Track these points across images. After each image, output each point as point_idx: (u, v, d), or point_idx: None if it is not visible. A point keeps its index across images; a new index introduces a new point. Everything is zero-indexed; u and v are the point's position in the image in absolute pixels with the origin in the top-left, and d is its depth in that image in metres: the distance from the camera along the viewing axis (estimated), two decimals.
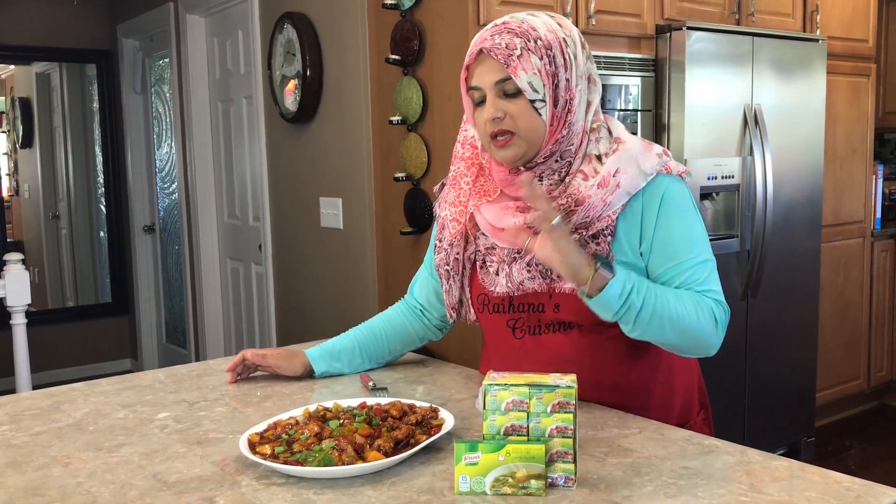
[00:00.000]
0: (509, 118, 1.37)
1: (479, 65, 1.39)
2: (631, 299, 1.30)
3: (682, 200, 1.42)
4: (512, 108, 1.37)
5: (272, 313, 3.92)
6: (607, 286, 1.28)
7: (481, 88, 1.39)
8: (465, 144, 1.52)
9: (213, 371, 1.80)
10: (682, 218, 1.42)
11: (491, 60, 1.37)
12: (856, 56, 3.96)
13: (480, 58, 1.39)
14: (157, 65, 5.10)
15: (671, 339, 1.37)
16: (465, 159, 1.51)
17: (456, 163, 1.53)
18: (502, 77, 1.36)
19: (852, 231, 4.06)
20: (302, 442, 1.23)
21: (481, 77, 1.39)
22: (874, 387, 4.27)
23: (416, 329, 1.75)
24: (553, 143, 1.40)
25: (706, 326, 1.38)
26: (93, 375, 5.10)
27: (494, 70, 1.37)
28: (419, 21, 2.87)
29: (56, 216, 5.75)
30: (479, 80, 1.39)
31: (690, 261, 1.40)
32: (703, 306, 1.38)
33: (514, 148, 1.39)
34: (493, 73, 1.37)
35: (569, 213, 1.39)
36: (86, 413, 1.51)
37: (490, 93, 1.38)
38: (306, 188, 3.59)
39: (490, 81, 1.38)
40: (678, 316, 1.34)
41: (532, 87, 1.36)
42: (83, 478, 1.20)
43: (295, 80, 3.49)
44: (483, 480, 1.10)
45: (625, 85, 3.06)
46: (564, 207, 1.39)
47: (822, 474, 1.14)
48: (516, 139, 1.38)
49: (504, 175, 1.44)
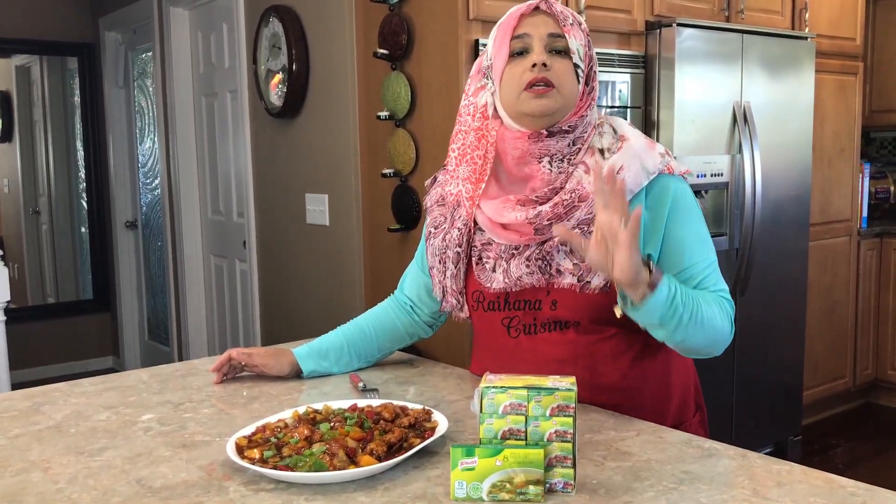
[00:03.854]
0: (554, 71, 1.37)
1: (532, 17, 1.40)
2: (676, 302, 1.28)
3: (691, 202, 1.43)
4: (558, 65, 1.38)
5: (257, 311, 3.87)
6: (657, 289, 1.24)
7: (531, 36, 1.38)
8: (476, 115, 1.43)
9: (198, 371, 1.76)
10: (691, 219, 1.42)
11: (546, 17, 1.39)
12: (843, 54, 3.97)
13: (536, 12, 1.40)
14: (139, 58, 5.03)
15: (699, 341, 1.35)
16: (475, 130, 1.43)
17: (464, 136, 1.45)
18: (557, 32, 1.39)
19: (839, 229, 4.06)
20: (292, 446, 1.19)
21: (535, 27, 1.39)
22: (860, 385, 4.28)
23: (406, 326, 1.71)
24: (578, 118, 1.39)
25: (725, 328, 1.38)
26: (74, 373, 5.05)
27: (549, 24, 1.39)
28: (408, 15, 2.83)
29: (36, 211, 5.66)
30: (532, 29, 1.39)
31: (704, 261, 1.40)
32: (722, 307, 1.38)
33: (550, 99, 1.36)
34: (548, 26, 1.39)
35: (572, 208, 1.37)
36: (66, 415, 1.47)
37: (539, 43, 1.38)
38: (292, 184, 3.54)
39: (544, 32, 1.38)
40: (709, 318, 1.34)
41: (579, 53, 1.39)
42: (63, 483, 1.15)
43: (280, 74, 3.45)
44: (480, 486, 1.06)
45: (614, 81, 3.04)
46: (567, 203, 1.37)
47: (826, 479, 1.12)
48: (555, 92, 1.37)
49: (522, 143, 1.38)
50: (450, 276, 1.51)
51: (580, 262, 1.38)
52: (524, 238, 1.41)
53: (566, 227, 1.30)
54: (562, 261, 1.39)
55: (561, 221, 1.37)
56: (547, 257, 1.40)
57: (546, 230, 1.38)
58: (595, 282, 1.37)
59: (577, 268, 1.38)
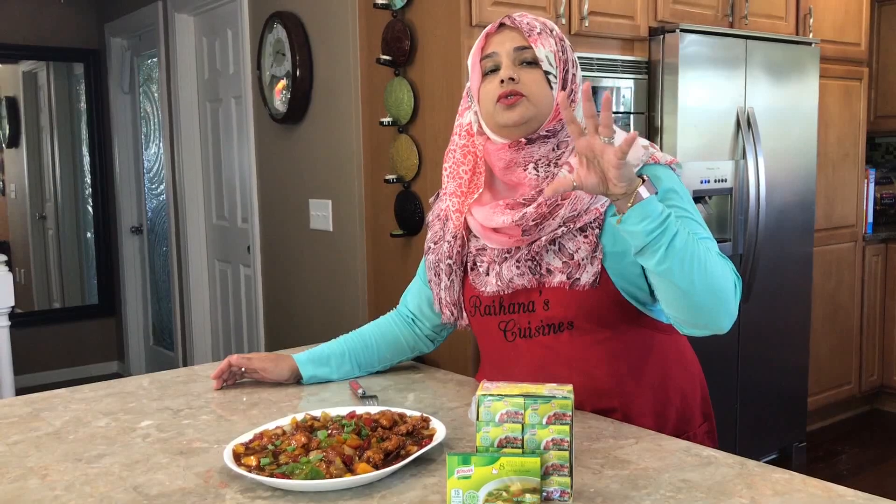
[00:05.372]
0: (523, 83, 1.39)
1: (498, 34, 1.44)
2: (669, 221, 1.25)
3: (677, 185, 1.42)
4: (526, 76, 1.40)
5: (260, 316, 3.87)
6: (649, 198, 1.23)
7: (498, 54, 1.42)
8: (462, 133, 1.50)
9: (198, 377, 1.76)
10: (679, 199, 1.40)
11: (511, 32, 1.42)
12: (848, 60, 3.95)
13: (501, 29, 1.44)
14: (145, 64, 5.05)
15: (696, 284, 1.27)
16: (461, 147, 1.49)
17: (452, 155, 1.51)
18: (522, 45, 1.41)
19: (844, 235, 4.04)
20: (289, 453, 1.19)
21: (501, 44, 1.42)
22: (865, 392, 4.26)
23: (407, 338, 1.72)
24: (556, 122, 1.41)
25: (727, 284, 1.32)
26: (79, 378, 5.06)
27: (515, 39, 1.42)
28: (411, 21, 2.84)
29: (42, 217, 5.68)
30: (498, 47, 1.42)
31: (697, 234, 1.35)
32: (723, 260, 1.34)
33: (521, 108, 1.39)
34: (514, 41, 1.42)
35: (555, 206, 1.38)
36: (66, 421, 1.47)
37: (506, 58, 1.42)
38: (295, 190, 3.55)
39: (510, 48, 1.41)
40: (705, 258, 1.28)
41: (548, 60, 1.40)
42: (60, 490, 1.15)
43: (284, 80, 3.45)
44: (476, 495, 1.06)
45: (617, 87, 3.04)
46: (550, 203, 1.38)
47: (825, 487, 1.11)
48: (525, 101, 1.39)
49: (504, 153, 1.42)
50: (444, 287, 1.54)
51: (569, 260, 1.40)
52: (514, 240, 1.42)
53: (552, 185, 1.29)
54: (551, 260, 1.41)
55: (546, 221, 1.39)
56: (536, 258, 1.42)
57: (533, 231, 1.40)
58: (584, 278, 1.39)
59: (567, 266, 1.40)
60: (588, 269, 1.38)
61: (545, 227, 1.39)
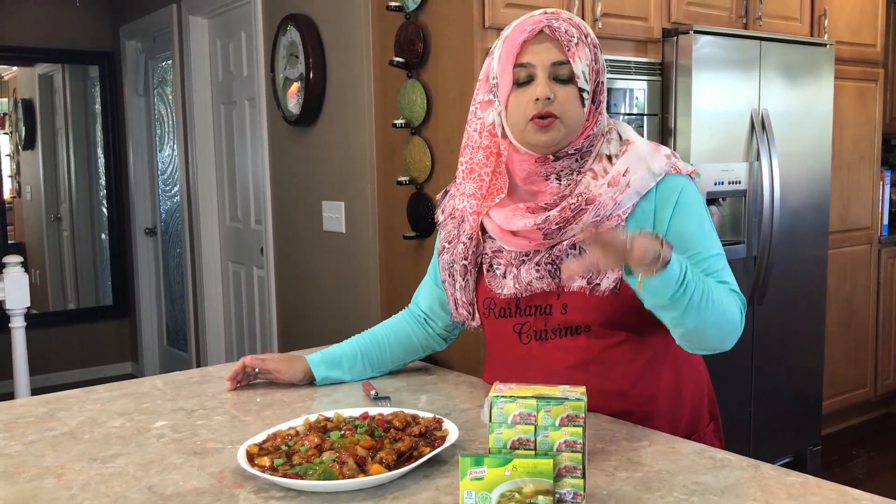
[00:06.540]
0: (558, 102, 1.36)
1: (536, 43, 1.37)
2: (687, 279, 1.26)
3: (696, 198, 1.43)
4: (562, 94, 1.36)
5: (274, 317, 3.89)
6: (669, 265, 1.23)
7: (534, 66, 1.36)
8: (483, 132, 1.44)
9: (212, 378, 1.76)
10: (695, 214, 1.41)
11: (550, 41, 1.36)
12: (863, 61, 3.93)
13: (539, 37, 1.37)
14: (159, 67, 5.08)
15: (709, 328, 1.32)
16: (483, 147, 1.44)
17: (471, 152, 1.46)
18: (560, 59, 1.36)
19: (859, 238, 4.02)
20: (302, 454, 1.19)
21: (538, 55, 1.36)
22: (881, 395, 4.23)
23: (420, 338, 1.72)
24: (584, 139, 1.40)
25: (735, 317, 1.36)
26: (93, 378, 5.09)
27: (552, 51, 1.36)
28: (423, 23, 2.84)
29: (58, 218, 5.72)
30: (535, 58, 1.36)
31: (705, 252, 1.40)
32: (731, 294, 1.36)
33: (555, 132, 1.36)
34: (551, 53, 1.36)
35: (579, 211, 1.37)
36: (81, 421, 1.48)
37: (542, 73, 1.36)
38: (309, 191, 3.56)
39: (547, 61, 1.36)
40: (719, 302, 1.32)
41: (584, 76, 1.37)
42: (76, 490, 1.16)
43: (298, 82, 3.47)
44: (489, 496, 1.06)
45: (631, 89, 3.03)
46: (575, 206, 1.37)
47: (840, 491, 1.10)
48: (558, 124, 1.36)
49: (529, 165, 1.40)
50: (459, 288, 1.53)
51: None
52: (533, 244, 1.42)
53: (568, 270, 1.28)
54: (571, 264, 1.39)
55: (569, 225, 1.38)
56: (556, 261, 1.41)
57: (555, 234, 1.39)
58: (605, 284, 1.39)
59: (587, 271, 1.39)
60: (609, 275, 1.38)
61: (567, 231, 1.39)
